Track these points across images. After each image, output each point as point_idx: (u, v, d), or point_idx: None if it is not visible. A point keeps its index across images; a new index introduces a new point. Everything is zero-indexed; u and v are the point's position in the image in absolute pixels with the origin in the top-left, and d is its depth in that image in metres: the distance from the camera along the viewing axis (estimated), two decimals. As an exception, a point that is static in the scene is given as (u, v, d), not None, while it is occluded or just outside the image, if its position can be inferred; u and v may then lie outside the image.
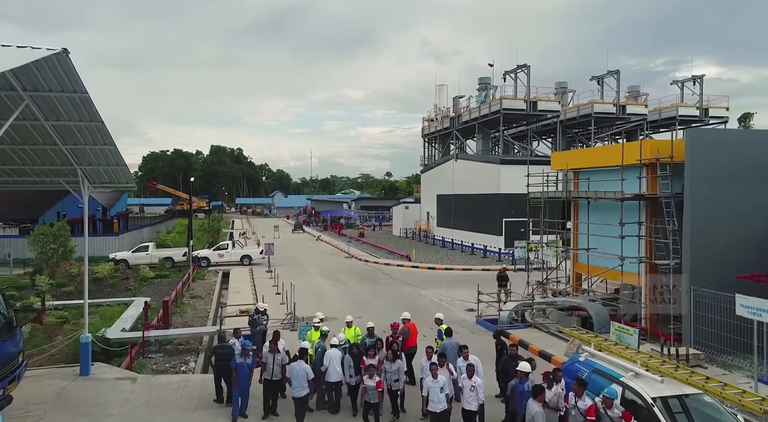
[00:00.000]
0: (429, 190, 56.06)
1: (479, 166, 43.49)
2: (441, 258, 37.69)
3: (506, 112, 40.77)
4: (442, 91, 57.56)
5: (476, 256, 38.58)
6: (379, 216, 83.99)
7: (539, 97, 41.60)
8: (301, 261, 37.03)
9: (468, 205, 45.68)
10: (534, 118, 43.52)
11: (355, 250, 42.91)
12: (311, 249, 46.28)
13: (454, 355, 11.79)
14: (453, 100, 51.91)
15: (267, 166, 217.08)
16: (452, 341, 12.17)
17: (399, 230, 58.62)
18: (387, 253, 40.58)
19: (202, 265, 32.99)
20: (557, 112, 42.04)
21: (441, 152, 56.25)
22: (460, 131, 50.01)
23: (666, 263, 15.14)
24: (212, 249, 34.86)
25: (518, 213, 40.43)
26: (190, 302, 22.39)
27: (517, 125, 47.84)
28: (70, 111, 9.69)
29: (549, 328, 17.62)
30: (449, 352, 11.72)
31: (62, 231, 25.07)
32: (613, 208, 17.23)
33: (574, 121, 44.18)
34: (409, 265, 34.17)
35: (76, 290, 23.54)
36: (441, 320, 13.34)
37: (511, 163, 40.60)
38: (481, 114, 44.06)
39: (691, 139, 15.08)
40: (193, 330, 15.52)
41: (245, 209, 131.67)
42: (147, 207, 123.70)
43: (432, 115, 56.97)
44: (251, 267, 33.05)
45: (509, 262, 34.47)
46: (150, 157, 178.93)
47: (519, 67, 41.64)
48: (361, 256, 38.92)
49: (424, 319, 19.52)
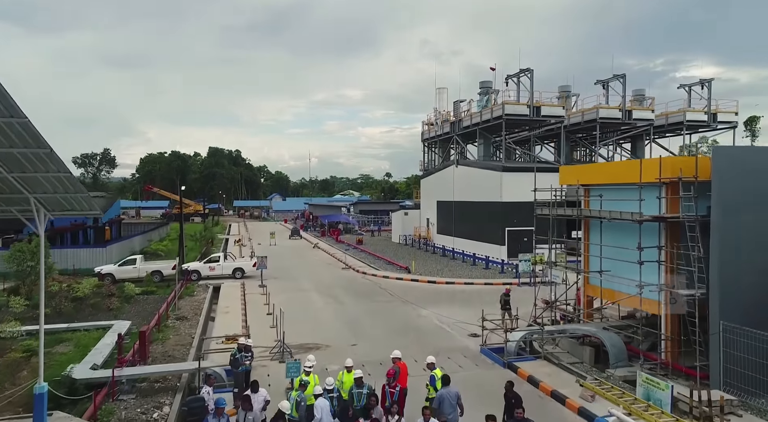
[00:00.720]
0: (429, 196, 54.66)
1: (481, 173, 42.10)
2: (441, 269, 36.30)
3: (509, 117, 39.39)
4: (442, 94, 56.13)
5: (478, 267, 37.18)
6: (378, 221, 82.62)
7: (543, 102, 40.22)
8: (295, 273, 35.62)
9: (469, 213, 44.29)
10: (537, 123, 42.13)
11: (352, 260, 41.52)
12: (308, 258, 44.85)
13: (453, 408, 10.42)
14: (453, 105, 50.52)
15: (266, 168, 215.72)
16: (450, 390, 10.68)
17: (398, 237, 57.21)
18: (386, 264, 39.17)
19: (192, 279, 31.58)
20: (561, 117, 40.65)
21: (441, 157, 54.86)
22: (461, 136, 48.63)
23: (691, 293, 13.75)
24: (203, 261, 33.42)
25: (521, 222, 39.08)
26: (174, 325, 20.97)
27: (519, 130, 46.44)
28: (9, 137, 8.32)
29: (560, 359, 16.22)
30: (446, 406, 10.34)
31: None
32: (629, 229, 15.84)
33: (579, 126, 42.79)
34: (408, 278, 32.75)
35: (54, 311, 22.14)
36: (434, 364, 11.78)
37: (514, 170, 39.21)
38: (483, 119, 42.68)
39: (718, 157, 13.67)
40: (170, 367, 14.12)
41: (243, 212, 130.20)
42: (144, 210, 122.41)
43: (432, 119, 55.56)
44: (243, 281, 31.61)
45: (512, 274, 33.09)
46: (147, 158, 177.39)
47: (522, 71, 40.25)
48: (358, 267, 37.52)
49: (424, 345, 18.19)
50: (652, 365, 14.89)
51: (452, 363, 16.30)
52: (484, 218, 41.52)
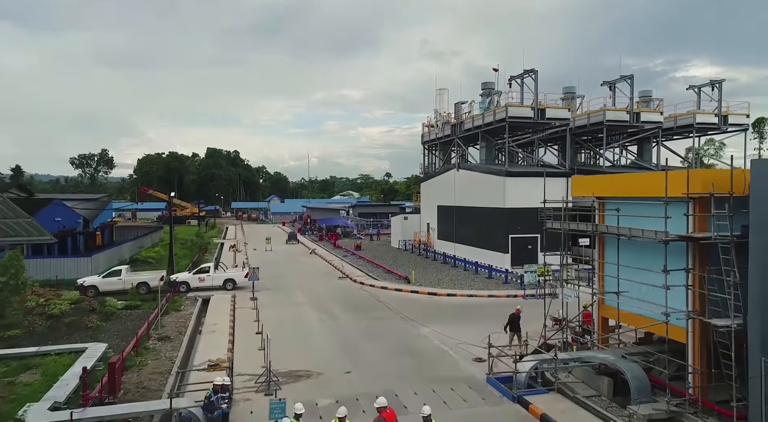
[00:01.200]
0: (429, 200, 53.10)
1: (483, 178, 40.54)
2: (442, 279, 34.75)
3: (512, 120, 37.81)
4: (443, 95, 54.61)
5: (480, 277, 35.63)
6: (377, 224, 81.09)
7: (548, 104, 38.63)
8: (290, 284, 34.04)
9: (471, 219, 42.74)
10: (541, 126, 40.57)
11: (350, 268, 39.98)
12: (304, 265, 43.27)
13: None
14: (455, 106, 48.98)
15: (264, 168, 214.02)
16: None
17: (398, 242, 55.65)
18: (384, 273, 37.61)
19: (181, 291, 30.02)
20: (566, 120, 39.06)
21: (442, 160, 53.30)
22: (462, 139, 47.05)
23: (726, 324, 12.19)
24: (192, 272, 31.83)
25: (526, 229, 37.56)
26: (155, 347, 19.41)
27: (522, 133, 44.87)
28: None
29: (575, 392, 14.67)
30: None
31: (14, 260, 22.05)
32: (651, 248, 14.29)
33: (584, 129, 41.23)
34: (408, 290, 31.19)
35: (26, 332, 20.59)
36: (430, 417, 10.08)
37: (518, 175, 37.67)
38: (485, 122, 41.10)
39: (758, 170, 12.11)
40: (138, 407, 12.53)
41: (240, 214, 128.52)
42: (141, 212, 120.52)
43: (432, 121, 54.02)
44: (235, 293, 30.03)
45: (516, 285, 31.53)
46: (145, 159, 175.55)
47: (526, 72, 38.68)
48: (356, 276, 35.96)
49: (424, 373, 16.56)
50: (679, 401, 13.34)
51: (455, 397, 14.75)
52: (486, 224, 39.96)
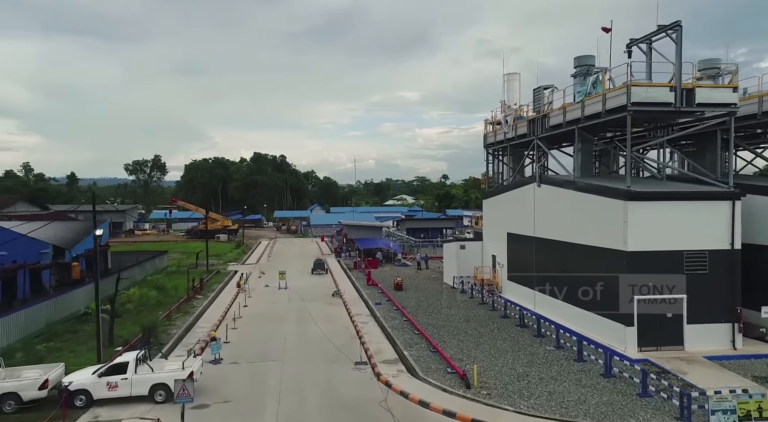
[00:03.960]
0: (495, 225, 38.84)
1: (585, 199, 26.13)
2: (523, 368, 20.78)
3: (638, 108, 23.18)
4: (513, 82, 40.14)
5: (589, 367, 21.29)
6: (426, 244, 67.44)
7: (698, 83, 23.68)
8: (263, 388, 20.85)
9: (561, 259, 28.33)
10: (683, 116, 25.60)
11: (377, 334, 26.74)
12: (310, 327, 29.78)
13: None
14: (533, 94, 34.51)
15: (314, 173, 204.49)
16: None
17: (452, 279, 41.69)
18: (430, 352, 23.85)
19: (77, 405, 17.66)
20: (732, 106, 23.84)
21: (513, 168, 38.90)
22: (545, 139, 32.55)
23: None
24: (97, 371, 18.65)
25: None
26: None
27: (641, 129, 29.91)
28: None
29: None
30: None
31: None
32: None
33: (755, 119, 25.90)
34: (466, 414, 17.26)
35: None
36: None
37: (650, 197, 23.10)
38: (586, 113, 26.56)
39: None
40: None
41: (280, 225, 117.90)
42: (178, 222, 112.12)
43: (498, 116, 39.66)
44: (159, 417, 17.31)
45: (663, 399, 16.85)
46: (191, 165, 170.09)
47: (661, 29, 23.88)
48: (382, 360, 22.60)
49: None
50: None
51: None
52: (591, 273, 25.44)
